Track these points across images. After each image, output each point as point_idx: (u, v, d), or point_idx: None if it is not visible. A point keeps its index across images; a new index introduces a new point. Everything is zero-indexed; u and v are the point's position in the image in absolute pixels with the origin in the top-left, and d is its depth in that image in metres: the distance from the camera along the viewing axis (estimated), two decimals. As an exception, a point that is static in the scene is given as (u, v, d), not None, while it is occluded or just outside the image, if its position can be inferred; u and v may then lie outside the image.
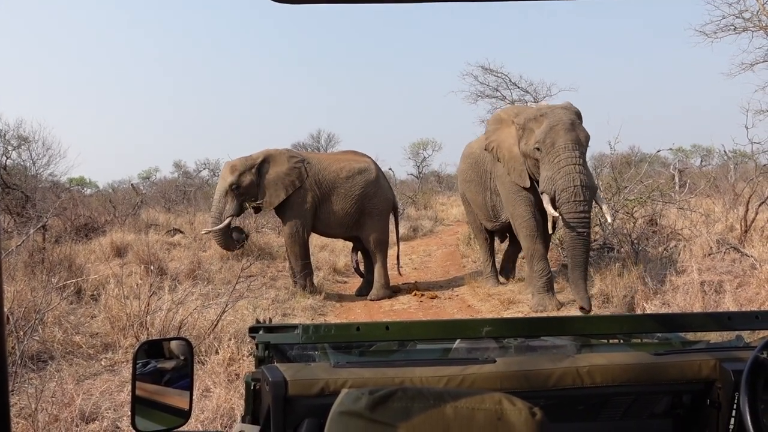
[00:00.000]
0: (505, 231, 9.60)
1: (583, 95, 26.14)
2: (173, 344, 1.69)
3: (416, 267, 12.35)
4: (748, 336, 2.70)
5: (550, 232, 7.81)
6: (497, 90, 16.08)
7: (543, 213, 7.86)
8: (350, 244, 10.41)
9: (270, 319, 1.87)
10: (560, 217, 7.19)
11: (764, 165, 12.74)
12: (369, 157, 10.14)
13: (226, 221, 9.28)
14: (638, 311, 6.59)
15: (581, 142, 7.26)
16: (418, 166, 36.71)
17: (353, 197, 9.47)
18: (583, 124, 7.75)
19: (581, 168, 7.11)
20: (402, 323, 1.74)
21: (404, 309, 8.56)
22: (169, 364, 1.64)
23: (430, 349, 1.86)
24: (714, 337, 2.30)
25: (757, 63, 12.71)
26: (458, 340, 1.82)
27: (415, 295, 9.32)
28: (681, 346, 1.88)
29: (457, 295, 9.29)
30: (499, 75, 15.96)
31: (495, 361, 1.54)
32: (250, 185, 9.25)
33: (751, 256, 7.47)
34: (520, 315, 7.34)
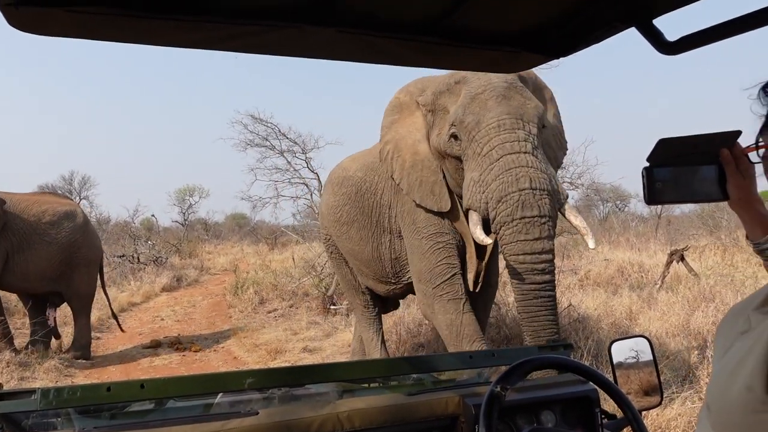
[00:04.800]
0: (395, 302, 6.48)
1: (349, 148, 27.55)
2: None
3: (179, 319, 11.72)
4: (488, 372, 2.99)
5: (472, 287, 4.80)
6: (266, 139, 16.22)
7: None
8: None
9: (1, 385, 1.63)
10: (500, 251, 4.35)
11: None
12: (72, 200, 9.04)
13: None
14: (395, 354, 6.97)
15: (528, 117, 4.26)
16: (184, 213, 35.35)
17: (59, 246, 8.11)
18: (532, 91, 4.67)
19: (531, 158, 4.11)
20: (159, 380, 1.63)
21: (165, 365, 8.04)
22: None
23: (191, 405, 1.77)
24: (460, 375, 2.52)
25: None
26: (220, 394, 1.76)
27: (178, 349, 8.82)
28: (432, 385, 2.02)
29: (222, 347, 8.98)
30: (269, 125, 16.15)
31: (258, 413, 1.52)
32: None
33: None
34: (286, 364, 7.32)
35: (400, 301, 7.03)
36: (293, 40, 1.28)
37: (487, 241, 4.27)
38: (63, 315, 9.52)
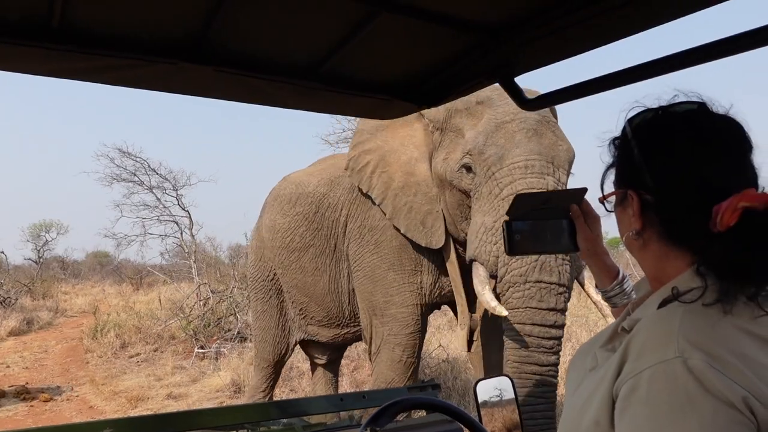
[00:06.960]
0: (337, 349, 5.67)
1: (223, 186, 26.97)
2: None
3: (28, 366, 10.74)
4: (359, 414, 2.99)
5: (466, 348, 4.22)
6: (135, 174, 15.55)
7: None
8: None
9: None
10: (506, 316, 3.56)
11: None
12: None
13: None
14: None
15: (559, 161, 3.62)
16: (39, 250, 32.74)
17: None
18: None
19: None
20: None
21: (9, 417, 7.30)
22: None
23: None
24: (331, 418, 2.50)
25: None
26: None
27: (25, 399, 8.05)
28: (302, 430, 1.99)
29: (77, 396, 8.31)
30: (138, 159, 15.51)
31: None
32: None
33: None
34: (148, 412, 6.90)
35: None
36: (170, 76, 1.27)
37: (502, 312, 3.50)
38: None
